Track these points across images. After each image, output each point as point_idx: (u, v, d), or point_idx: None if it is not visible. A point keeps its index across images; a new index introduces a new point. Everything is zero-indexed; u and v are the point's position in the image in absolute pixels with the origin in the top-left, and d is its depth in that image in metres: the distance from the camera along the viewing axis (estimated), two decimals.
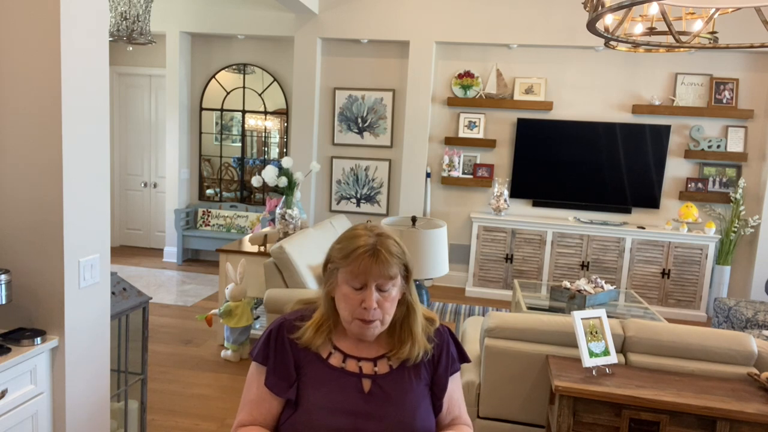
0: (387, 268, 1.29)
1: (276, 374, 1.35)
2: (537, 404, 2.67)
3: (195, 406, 3.41)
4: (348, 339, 1.39)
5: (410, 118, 6.00)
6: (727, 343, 2.55)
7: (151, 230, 7.19)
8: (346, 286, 1.31)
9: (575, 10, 5.58)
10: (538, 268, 5.77)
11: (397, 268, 1.32)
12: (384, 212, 6.37)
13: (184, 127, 6.67)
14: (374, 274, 1.29)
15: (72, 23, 1.91)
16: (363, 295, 1.30)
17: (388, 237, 1.34)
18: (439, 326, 1.46)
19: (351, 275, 1.30)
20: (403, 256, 1.34)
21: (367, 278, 1.29)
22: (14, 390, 1.87)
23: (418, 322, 1.38)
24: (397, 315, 1.38)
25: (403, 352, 1.37)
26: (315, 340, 1.35)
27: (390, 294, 1.32)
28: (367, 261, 1.29)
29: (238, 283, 4.01)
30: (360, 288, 1.30)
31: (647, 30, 2.88)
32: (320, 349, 1.37)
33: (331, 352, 1.37)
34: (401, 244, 1.36)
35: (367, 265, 1.29)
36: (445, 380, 1.43)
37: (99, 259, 2.14)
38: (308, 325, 1.37)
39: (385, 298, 1.31)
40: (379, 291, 1.31)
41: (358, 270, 1.29)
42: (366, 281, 1.30)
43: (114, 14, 3.88)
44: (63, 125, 1.91)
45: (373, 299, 1.29)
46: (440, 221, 3.21)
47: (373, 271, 1.29)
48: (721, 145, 5.62)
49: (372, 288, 1.30)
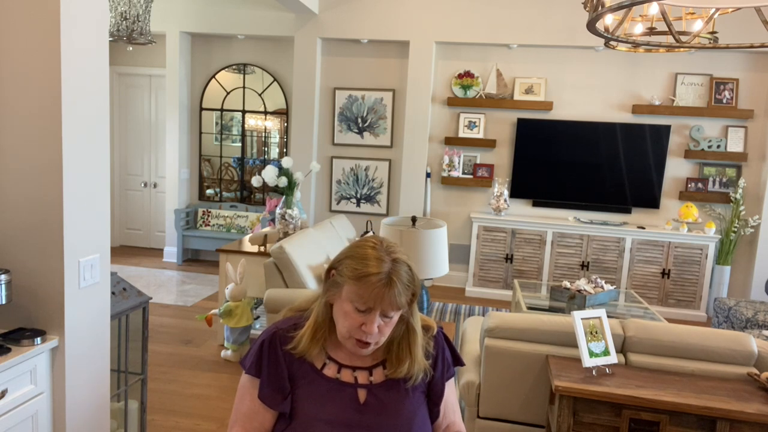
0: (397, 298, 1.26)
1: (270, 386, 1.32)
2: (537, 404, 2.67)
3: (195, 406, 3.41)
4: (342, 349, 1.36)
5: (410, 118, 6.00)
6: (727, 343, 2.55)
7: (151, 230, 7.19)
8: (349, 304, 1.28)
9: (575, 10, 5.58)
10: (538, 268, 5.77)
11: (406, 297, 1.29)
12: (384, 212, 6.37)
13: (184, 127, 6.67)
14: (382, 303, 1.26)
15: (72, 23, 1.91)
16: (365, 318, 1.27)
17: (403, 264, 1.29)
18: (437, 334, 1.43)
19: (358, 297, 1.26)
20: (414, 285, 1.30)
21: (374, 304, 1.26)
22: (14, 390, 1.86)
23: (417, 343, 1.35)
24: (395, 333, 1.35)
25: (401, 371, 1.33)
26: (310, 350, 1.32)
27: (392, 320, 1.30)
28: (380, 290, 1.24)
29: (238, 283, 4.01)
30: (364, 311, 1.27)
31: (647, 30, 2.88)
32: (314, 359, 1.34)
33: (326, 362, 1.35)
34: (413, 268, 1.32)
35: (378, 294, 1.25)
36: (441, 386, 1.41)
37: (99, 259, 2.14)
38: (302, 333, 1.34)
39: (387, 324, 1.29)
40: (383, 317, 1.28)
41: (368, 296, 1.25)
42: (372, 306, 1.26)
43: (114, 14, 3.88)
44: (63, 125, 1.91)
45: (375, 325, 1.26)
46: (440, 221, 3.21)
47: (383, 300, 1.25)
48: (721, 145, 5.62)
49: (376, 314, 1.27)
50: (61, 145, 1.91)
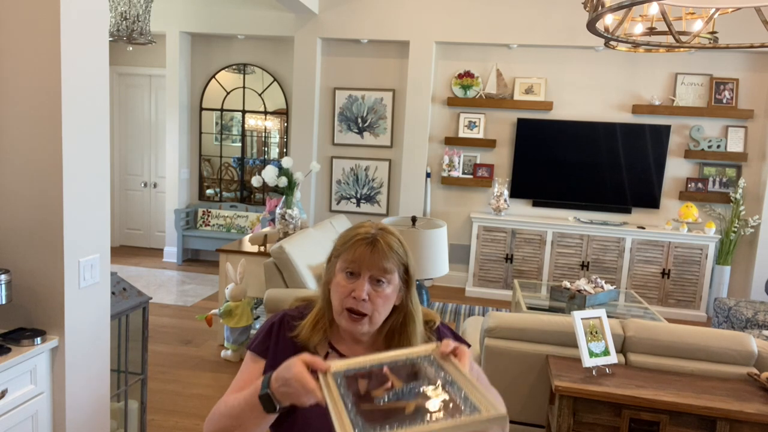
0: (382, 259, 1.28)
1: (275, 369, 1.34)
2: (537, 404, 2.67)
3: (195, 406, 3.41)
4: (345, 341, 1.37)
5: (410, 118, 6.00)
6: (727, 343, 2.55)
7: (151, 230, 7.19)
8: (341, 274, 1.31)
9: (575, 10, 5.58)
10: (538, 268, 5.77)
11: (395, 264, 1.30)
12: (384, 212, 6.37)
13: (184, 127, 6.67)
14: (368, 264, 1.28)
15: (72, 23, 1.91)
16: (355, 285, 1.28)
17: (391, 234, 1.33)
18: (439, 325, 1.43)
19: (346, 262, 1.30)
20: (404, 256, 1.32)
21: (360, 266, 1.28)
22: (14, 390, 1.86)
23: (417, 334, 1.34)
24: (393, 321, 1.35)
25: None
26: (312, 338, 1.33)
27: (383, 290, 1.30)
28: (364, 249, 1.28)
29: (238, 283, 4.01)
30: (353, 276, 1.29)
31: (647, 30, 2.87)
32: (318, 349, 1.35)
33: (329, 352, 1.35)
34: (404, 244, 1.34)
35: (362, 253, 1.28)
36: None
37: (99, 259, 2.14)
38: (305, 322, 1.35)
39: (378, 294, 1.29)
40: (373, 285, 1.29)
41: (353, 257, 1.29)
42: (360, 269, 1.28)
43: (114, 14, 3.88)
44: (63, 125, 1.91)
45: (364, 289, 1.27)
46: (440, 221, 3.21)
47: (368, 260, 1.27)
48: (721, 145, 5.62)
49: (365, 278, 1.28)
50: (61, 145, 1.91)
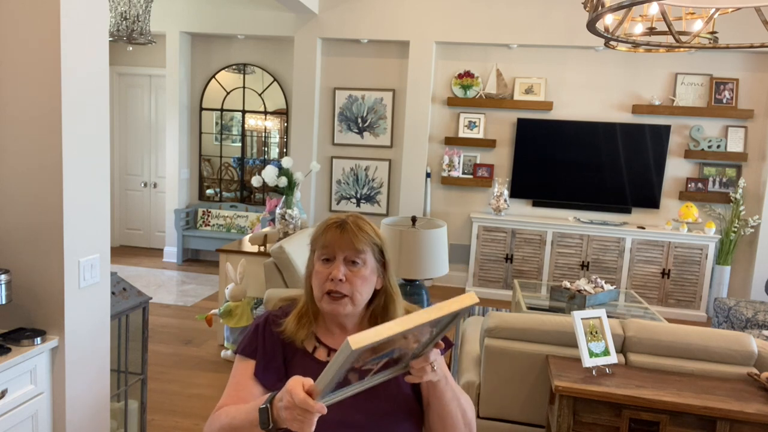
0: (353, 240, 1.32)
1: (265, 367, 1.35)
2: (537, 404, 2.67)
3: (195, 406, 3.41)
4: (331, 333, 1.39)
5: (410, 118, 6.00)
6: (727, 343, 2.55)
7: (151, 230, 7.19)
8: (318, 262, 1.35)
9: (575, 10, 5.58)
10: (538, 268, 5.77)
11: (367, 245, 1.34)
12: (384, 212, 6.37)
13: (184, 127, 6.67)
14: (341, 245, 1.32)
15: (72, 23, 1.91)
16: (331, 268, 1.32)
17: (361, 218, 1.38)
18: None
19: (321, 248, 1.34)
20: (376, 238, 1.36)
21: (334, 249, 1.32)
22: (14, 390, 1.86)
23: (398, 314, 1.38)
24: (375, 304, 1.39)
25: None
26: (298, 333, 1.36)
27: (360, 271, 1.33)
28: (334, 231, 1.33)
29: (238, 283, 4.02)
30: (329, 262, 1.33)
31: (647, 30, 2.87)
32: (305, 343, 1.37)
33: (316, 346, 1.38)
34: (375, 228, 1.39)
35: (333, 236, 1.33)
36: None
37: (99, 259, 2.14)
38: (290, 317, 1.38)
39: (355, 274, 1.32)
40: (349, 266, 1.33)
41: (326, 241, 1.33)
42: (334, 253, 1.33)
43: (114, 14, 3.88)
44: (63, 125, 1.91)
45: (341, 270, 1.31)
46: (440, 221, 3.21)
47: (339, 242, 1.32)
48: (721, 145, 5.62)
49: (339, 260, 1.32)
50: (61, 145, 1.91)
